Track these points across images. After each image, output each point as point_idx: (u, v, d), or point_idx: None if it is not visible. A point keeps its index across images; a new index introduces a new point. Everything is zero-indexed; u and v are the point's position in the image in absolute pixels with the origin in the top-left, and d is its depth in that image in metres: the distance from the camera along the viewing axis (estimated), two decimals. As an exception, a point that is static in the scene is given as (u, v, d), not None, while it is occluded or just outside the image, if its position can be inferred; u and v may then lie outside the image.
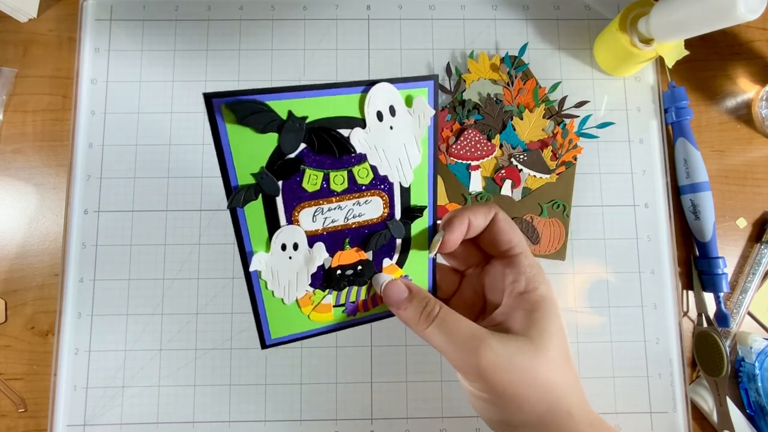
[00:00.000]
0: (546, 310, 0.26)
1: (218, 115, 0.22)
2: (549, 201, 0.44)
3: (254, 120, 0.22)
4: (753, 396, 0.42)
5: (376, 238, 0.28)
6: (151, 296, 0.42)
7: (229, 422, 0.41)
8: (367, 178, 0.26)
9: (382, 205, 0.27)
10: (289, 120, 0.23)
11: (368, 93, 0.24)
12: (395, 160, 0.26)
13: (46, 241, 0.44)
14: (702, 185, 0.44)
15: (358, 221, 0.27)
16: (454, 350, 0.25)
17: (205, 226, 0.43)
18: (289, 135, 0.23)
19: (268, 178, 0.24)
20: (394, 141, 0.26)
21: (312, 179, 0.25)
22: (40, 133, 0.45)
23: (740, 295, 0.44)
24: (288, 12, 0.46)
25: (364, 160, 0.26)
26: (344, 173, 0.25)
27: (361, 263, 0.28)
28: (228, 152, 0.23)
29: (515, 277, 0.27)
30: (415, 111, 0.25)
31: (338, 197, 0.26)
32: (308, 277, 0.27)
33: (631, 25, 0.42)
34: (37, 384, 0.42)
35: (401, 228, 0.28)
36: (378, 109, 0.25)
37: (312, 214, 0.26)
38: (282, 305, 0.28)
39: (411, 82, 0.25)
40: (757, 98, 0.47)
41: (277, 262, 0.26)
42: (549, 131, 0.45)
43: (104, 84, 0.45)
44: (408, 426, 0.42)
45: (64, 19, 0.46)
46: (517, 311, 0.26)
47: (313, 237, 0.26)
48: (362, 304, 0.30)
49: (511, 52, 0.46)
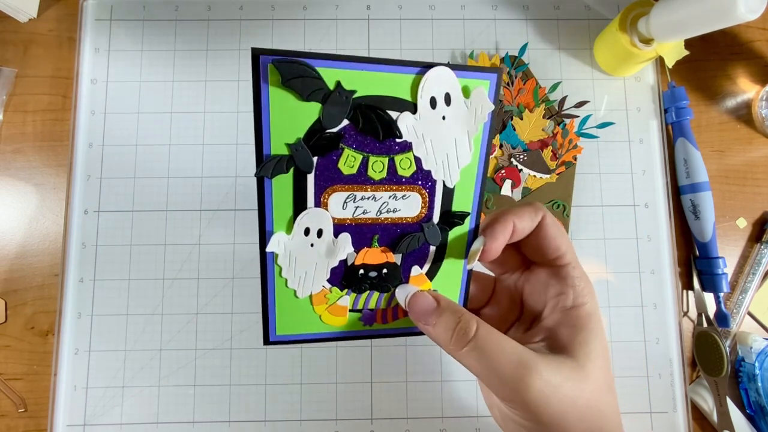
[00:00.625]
0: (593, 329, 0.24)
1: (263, 74, 0.20)
2: (549, 201, 0.44)
3: (300, 84, 0.21)
4: (753, 396, 0.42)
5: (408, 240, 0.25)
6: (151, 296, 0.42)
7: (228, 422, 0.41)
8: (409, 170, 0.24)
9: (421, 204, 0.25)
10: (336, 91, 0.21)
11: (425, 75, 0.22)
12: (442, 154, 0.24)
13: (46, 241, 0.44)
14: (702, 185, 0.44)
15: (392, 217, 0.25)
16: (497, 378, 0.22)
17: (205, 226, 0.43)
18: (334, 107, 0.21)
19: (303, 151, 0.22)
20: (444, 133, 0.23)
21: (349, 161, 0.23)
22: (40, 133, 0.45)
23: (740, 295, 0.44)
24: (288, 12, 0.47)
25: (409, 150, 0.23)
26: (385, 160, 0.23)
27: (387, 266, 0.25)
28: (266, 116, 0.21)
29: (562, 290, 0.25)
30: (473, 103, 0.23)
31: (374, 186, 0.24)
32: (328, 270, 0.25)
33: (631, 25, 0.42)
34: (37, 384, 0.42)
35: (438, 234, 0.25)
36: (432, 94, 0.22)
37: (343, 200, 0.24)
38: (293, 298, 0.25)
39: (472, 72, 0.23)
40: (757, 98, 0.47)
41: (297, 247, 0.24)
42: (549, 131, 0.45)
43: (104, 84, 0.45)
44: (408, 426, 0.42)
45: (64, 19, 0.46)
46: (563, 327, 0.24)
47: (340, 226, 0.24)
48: (381, 315, 0.27)
49: (511, 52, 0.46)
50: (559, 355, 0.23)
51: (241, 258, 0.43)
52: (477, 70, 0.23)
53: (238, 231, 0.44)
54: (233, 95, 0.45)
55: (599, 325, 0.24)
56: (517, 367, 0.22)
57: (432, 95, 0.22)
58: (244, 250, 0.43)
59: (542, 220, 0.25)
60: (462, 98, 0.23)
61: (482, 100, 0.23)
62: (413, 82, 0.22)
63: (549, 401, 0.21)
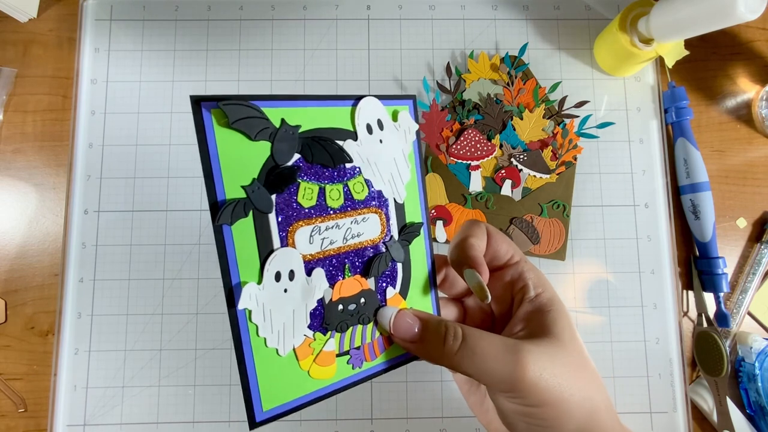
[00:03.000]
0: (559, 309, 0.26)
1: (206, 118, 0.20)
2: (549, 201, 0.44)
3: (247, 124, 0.21)
4: (753, 396, 0.42)
5: (378, 262, 0.25)
6: (151, 296, 0.42)
7: (228, 422, 0.41)
8: (363, 193, 0.25)
9: (380, 223, 0.26)
10: (282, 127, 0.22)
11: (357, 105, 0.24)
12: (387, 174, 0.26)
13: (46, 241, 0.44)
14: (702, 185, 0.44)
15: (358, 242, 0.25)
16: (492, 369, 0.23)
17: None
18: (283, 143, 0.22)
19: (260, 191, 0.22)
20: (384, 154, 0.26)
21: (307, 193, 0.23)
22: (40, 133, 0.45)
23: (740, 295, 0.44)
24: (288, 12, 0.47)
25: (359, 174, 0.25)
26: (340, 187, 0.24)
27: (364, 295, 0.25)
28: (216, 160, 0.21)
29: (521, 284, 0.27)
30: (401, 125, 0.26)
31: (335, 214, 0.24)
32: (307, 316, 0.24)
33: (631, 25, 0.42)
34: (37, 384, 0.42)
35: (401, 249, 0.26)
36: (367, 121, 0.25)
37: (309, 234, 0.23)
38: (276, 358, 0.23)
39: (394, 100, 0.26)
40: (757, 98, 0.47)
41: (270, 296, 0.22)
42: (549, 131, 0.45)
43: (104, 84, 0.45)
44: (408, 426, 0.42)
45: (64, 19, 0.46)
46: (533, 315, 0.26)
47: (310, 263, 0.24)
48: (368, 350, 0.26)
49: (511, 52, 0.46)
50: (538, 338, 0.25)
51: (241, 258, 0.43)
52: (395, 98, 0.26)
53: (238, 231, 0.43)
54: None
55: (563, 305, 0.26)
56: (508, 355, 0.23)
57: (367, 122, 0.25)
58: (244, 250, 0.43)
59: (488, 231, 0.28)
60: (392, 122, 0.26)
61: (408, 122, 0.26)
62: (351, 113, 0.24)
63: (544, 376, 0.23)
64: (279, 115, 0.22)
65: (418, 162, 0.27)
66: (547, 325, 0.25)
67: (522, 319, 0.26)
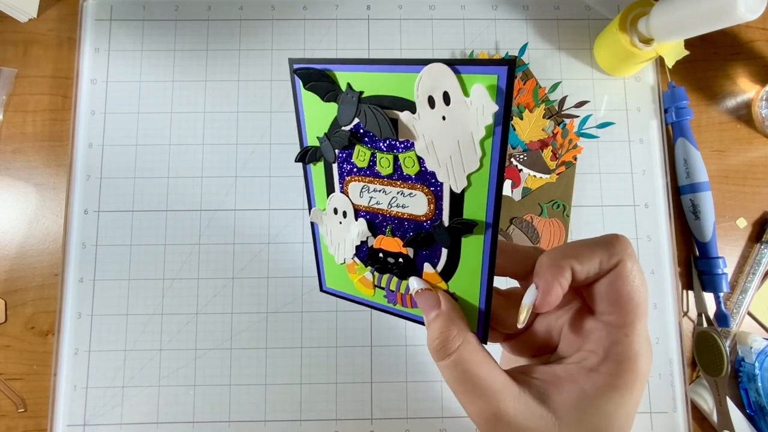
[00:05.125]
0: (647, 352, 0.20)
1: (297, 80, 0.24)
2: (549, 201, 0.44)
3: (317, 88, 0.24)
4: (753, 396, 0.42)
5: (420, 237, 0.25)
6: (151, 296, 0.42)
7: (229, 422, 0.41)
8: (413, 169, 0.24)
9: (427, 204, 0.24)
10: (346, 92, 0.23)
11: (420, 73, 0.21)
12: (445, 156, 0.22)
13: (46, 241, 0.44)
14: (702, 185, 0.44)
15: (401, 212, 0.26)
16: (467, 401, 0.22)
17: (205, 226, 0.43)
18: (346, 107, 0.24)
19: (326, 144, 0.25)
20: (446, 134, 0.22)
21: (361, 155, 0.25)
22: (40, 133, 0.45)
23: (740, 295, 0.44)
24: (288, 12, 0.46)
25: (412, 148, 0.23)
26: (390, 157, 0.25)
27: (403, 257, 0.27)
28: (302, 114, 0.25)
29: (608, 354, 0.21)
30: (473, 103, 0.20)
31: (384, 180, 0.25)
32: (353, 246, 0.28)
33: (631, 25, 0.42)
34: (37, 384, 0.42)
35: (446, 236, 0.24)
36: (429, 93, 0.21)
37: (360, 189, 0.26)
38: (334, 263, 0.29)
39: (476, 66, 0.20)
40: (757, 98, 0.47)
41: (330, 221, 0.28)
42: (549, 131, 0.45)
43: (104, 84, 0.45)
44: (408, 426, 0.42)
45: (64, 19, 0.46)
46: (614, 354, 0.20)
47: (359, 211, 0.27)
48: (401, 298, 0.28)
49: (511, 52, 0.46)
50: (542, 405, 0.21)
51: (241, 258, 0.43)
52: (481, 63, 0.20)
53: (238, 231, 0.44)
54: (233, 95, 0.45)
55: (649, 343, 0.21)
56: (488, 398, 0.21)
57: (429, 94, 0.21)
58: (244, 250, 0.43)
59: (619, 264, 0.20)
60: (462, 97, 0.21)
61: (483, 99, 0.20)
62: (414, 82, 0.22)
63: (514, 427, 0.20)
64: (346, 79, 0.23)
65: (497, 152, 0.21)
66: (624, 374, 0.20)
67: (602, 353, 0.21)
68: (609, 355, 0.20)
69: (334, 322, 0.43)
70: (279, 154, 0.45)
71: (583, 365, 0.21)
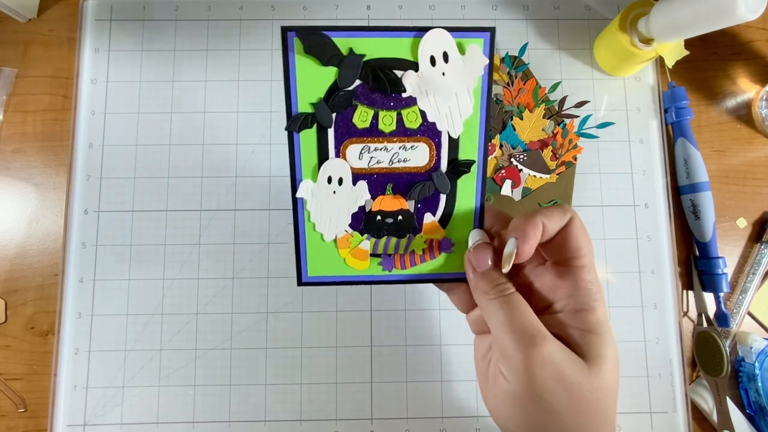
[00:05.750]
0: (603, 335, 0.24)
1: (290, 44, 0.24)
2: (549, 201, 0.44)
3: (320, 51, 0.24)
4: (753, 396, 0.42)
5: (419, 188, 0.27)
6: (151, 296, 0.42)
7: (229, 422, 0.41)
8: (416, 122, 0.26)
9: (428, 154, 0.27)
10: (349, 55, 0.25)
11: (423, 37, 0.25)
12: (445, 107, 0.26)
13: (46, 241, 0.44)
14: (702, 185, 0.44)
15: (403, 166, 0.27)
16: (510, 335, 0.23)
17: (205, 226, 0.43)
18: (348, 69, 0.25)
19: (323, 109, 0.26)
20: (445, 88, 0.26)
21: (362, 116, 0.26)
22: (40, 133, 0.45)
23: (740, 295, 0.44)
24: (288, 12, 0.46)
25: (414, 104, 0.26)
26: (393, 114, 0.26)
27: (402, 213, 0.28)
28: (294, 80, 0.25)
29: (572, 292, 0.25)
30: (468, 60, 0.25)
31: (385, 138, 0.27)
32: (349, 216, 0.28)
33: (631, 25, 0.42)
34: (37, 384, 0.42)
35: (446, 182, 0.27)
36: (431, 53, 0.25)
37: (359, 151, 0.27)
38: (321, 242, 0.28)
39: (466, 32, 0.25)
40: (757, 98, 0.47)
41: (322, 193, 0.27)
42: (549, 131, 0.45)
43: (104, 84, 0.45)
44: (408, 426, 0.42)
45: (64, 19, 0.46)
46: (572, 329, 0.24)
47: (358, 175, 0.27)
48: (399, 260, 0.29)
49: (511, 52, 0.46)
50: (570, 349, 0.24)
51: (241, 258, 0.43)
52: (470, 30, 0.25)
53: (238, 231, 0.44)
54: (233, 95, 0.45)
55: (610, 332, 0.24)
56: (528, 335, 0.23)
57: (431, 54, 0.25)
58: (244, 250, 0.43)
59: (571, 220, 0.25)
60: (459, 56, 0.25)
61: (477, 56, 0.25)
62: (413, 45, 0.25)
63: (546, 378, 0.22)
64: (348, 44, 0.25)
65: (484, 99, 0.26)
66: (581, 344, 0.24)
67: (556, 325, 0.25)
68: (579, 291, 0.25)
69: (334, 322, 0.43)
70: (279, 154, 0.45)
71: (568, 310, 0.25)
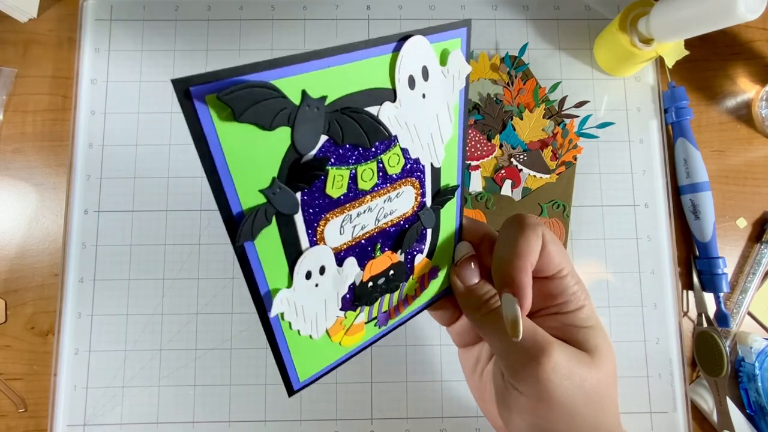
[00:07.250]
0: (595, 326, 0.25)
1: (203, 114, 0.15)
2: (549, 201, 0.44)
3: (259, 113, 0.16)
4: (753, 396, 0.42)
5: (409, 235, 0.24)
6: (151, 296, 0.42)
7: (229, 422, 0.41)
8: (398, 165, 0.21)
9: (414, 195, 0.23)
10: (303, 104, 0.17)
11: (399, 52, 0.18)
12: (427, 136, 0.21)
13: (46, 241, 0.44)
14: (702, 185, 0.44)
15: (390, 220, 0.23)
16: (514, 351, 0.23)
17: (205, 226, 0.43)
18: (305, 126, 0.17)
19: (282, 193, 0.18)
20: (426, 112, 0.21)
21: (337, 181, 0.19)
22: (40, 133, 0.45)
23: (740, 295, 0.44)
24: (288, 12, 0.46)
25: (395, 144, 0.20)
26: (373, 165, 0.20)
27: (393, 267, 0.24)
28: (223, 167, 0.16)
29: (559, 299, 0.25)
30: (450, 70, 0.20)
31: (368, 195, 0.21)
32: (338, 301, 0.23)
33: (631, 25, 0.42)
34: (37, 384, 0.42)
35: (432, 216, 0.24)
36: (410, 72, 0.19)
37: (339, 226, 0.21)
38: (309, 342, 0.23)
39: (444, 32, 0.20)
40: (757, 98, 0.47)
41: (301, 296, 0.21)
42: (549, 131, 0.45)
43: (104, 84, 0.45)
44: (408, 426, 0.42)
45: (64, 19, 0.46)
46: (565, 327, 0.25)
47: (340, 253, 0.22)
48: (393, 310, 0.26)
49: (511, 52, 0.46)
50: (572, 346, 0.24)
51: (241, 258, 0.43)
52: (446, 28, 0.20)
53: (238, 231, 0.43)
54: (233, 95, 0.45)
55: (600, 325, 0.25)
56: (533, 345, 0.23)
57: (410, 74, 0.19)
58: (244, 250, 0.43)
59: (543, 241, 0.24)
60: (439, 68, 0.20)
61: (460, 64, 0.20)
62: (390, 64, 0.19)
63: (560, 381, 0.22)
64: (298, 85, 0.16)
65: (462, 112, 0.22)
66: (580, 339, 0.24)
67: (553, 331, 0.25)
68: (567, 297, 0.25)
69: (334, 322, 0.43)
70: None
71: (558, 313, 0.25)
